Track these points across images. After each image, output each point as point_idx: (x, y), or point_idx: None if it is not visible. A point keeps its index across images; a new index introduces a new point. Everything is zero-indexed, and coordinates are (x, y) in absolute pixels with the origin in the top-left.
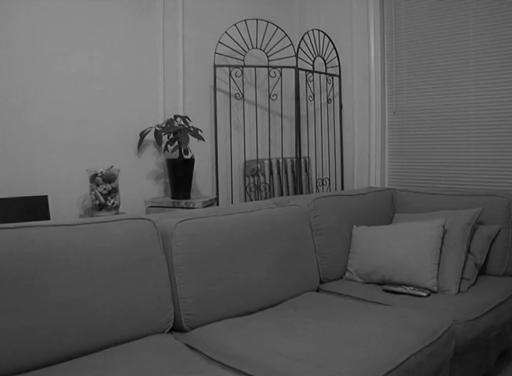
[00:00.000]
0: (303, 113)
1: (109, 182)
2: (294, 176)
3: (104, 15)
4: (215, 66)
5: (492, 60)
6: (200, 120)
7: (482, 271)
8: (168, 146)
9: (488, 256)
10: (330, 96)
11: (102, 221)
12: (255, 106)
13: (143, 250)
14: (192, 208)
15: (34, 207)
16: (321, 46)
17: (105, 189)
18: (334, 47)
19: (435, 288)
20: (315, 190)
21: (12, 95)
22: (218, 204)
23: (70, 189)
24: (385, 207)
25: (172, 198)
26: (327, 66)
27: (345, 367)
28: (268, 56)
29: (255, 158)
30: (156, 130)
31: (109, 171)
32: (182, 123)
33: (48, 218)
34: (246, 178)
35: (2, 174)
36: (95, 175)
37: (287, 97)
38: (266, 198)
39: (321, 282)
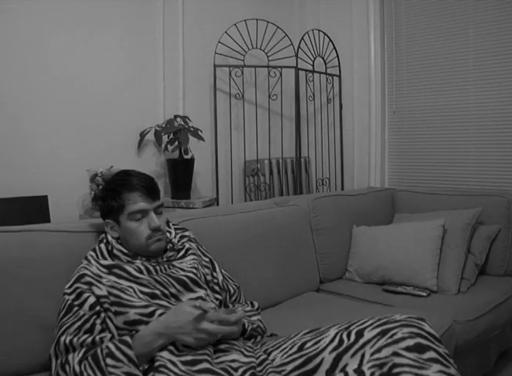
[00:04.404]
0: (303, 113)
1: None
2: (294, 176)
3: (104, 15)
4: (215, 66)
5: (492, 60)
6: (200, 120)
7: (482, 271)
8: (168, 146)
9: (488, 256)
10: (330, 96)
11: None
12: (255, 106)
13: None
14: (192, 208)
15: (34, 207)
16: (321, 46)
17: None
18: (334, 47)
19: (435, 288)
20: (315, 190)
21: (12, 95)
22: (218, 204)
23: (70, 189)
24: (385, 207)
25: (172, 198)
26: (327, 66)
27: None
28: (268, 56)
29: (255, 158)
30: (156, 130)
31: (109, 172)
32: (182, 123)
33: (48, 218)
34: (246, 178)
35: (2, 174)
36: (95, 175)
37: (287, 97)
38: (266, 198)
39: (321, 282)
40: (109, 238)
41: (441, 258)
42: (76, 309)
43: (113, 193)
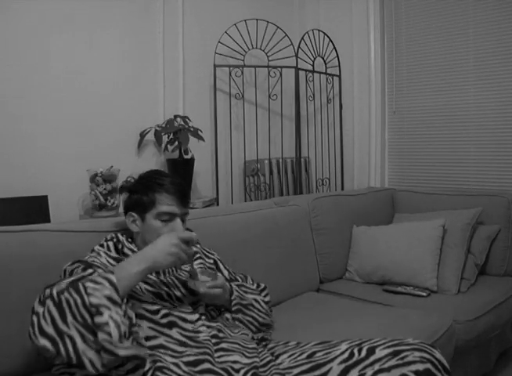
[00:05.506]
0: (303, 113)
1: (109, 182)
2: (294, 176)
3: (104, 15)
4: (215, 66)
5: (492, 60)
6: (200, 120)
7: (482, 271)
8: (168, 146)
9: (488, 256)
10: (330, 96)
11: (101, 230)
12: (255, 106)
13: None
14: (192, 208)
15: (34, 207)
16: (321, 46)
17: (105, 189)
18: (334, 47)
19: (435, 288)
20: (315, 190)
21: (12, 95)
22: (218, 204)
23: (70, 189)
24: (385, 207)
25: None
26: (327, 66)
27: None
28: (268, 56)
29: (255, 158)
30: (156, 130)
31: (109, 171)
32: (182, 123)
33: (48, 218)
34: (246, 178)
35: (2, 174)
36: (95, 175)
37: (287, 97)
38: (266, 198)
39: (321, 282)
40: (121, 237)
41: (441, 258)
42: (76, 271)
43: (147, 188)
